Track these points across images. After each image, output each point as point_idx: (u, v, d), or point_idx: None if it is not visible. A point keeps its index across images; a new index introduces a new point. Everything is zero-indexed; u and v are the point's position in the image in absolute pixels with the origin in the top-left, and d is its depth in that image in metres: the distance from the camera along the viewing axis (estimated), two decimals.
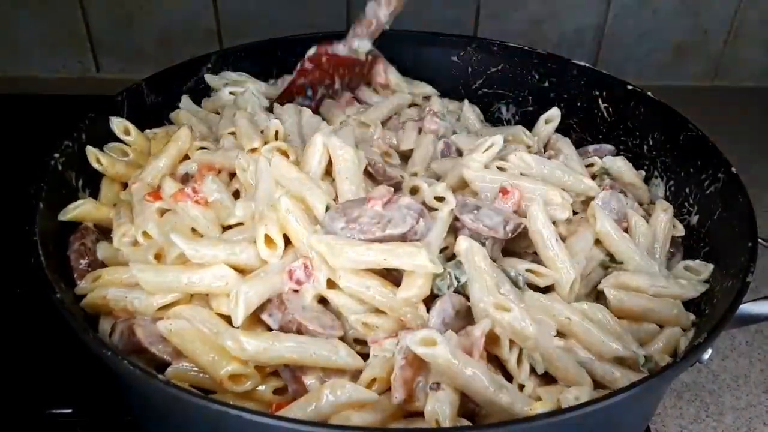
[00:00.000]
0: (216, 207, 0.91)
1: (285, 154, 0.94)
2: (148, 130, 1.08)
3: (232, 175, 0.97)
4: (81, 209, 0.93)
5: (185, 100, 1.15)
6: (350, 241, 0.80)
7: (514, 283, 0.84)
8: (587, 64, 1.17)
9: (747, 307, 0.82)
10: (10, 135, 1.39)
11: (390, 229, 0.81)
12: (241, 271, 0.82)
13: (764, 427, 1.02)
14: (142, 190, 0.94)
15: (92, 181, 0.99)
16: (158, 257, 0.86)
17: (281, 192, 0.86)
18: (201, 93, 1.16)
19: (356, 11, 1.57)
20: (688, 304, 0.89)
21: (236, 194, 0.95)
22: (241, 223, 0.89)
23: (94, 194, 0.99)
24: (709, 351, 0.79)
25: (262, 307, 0.80)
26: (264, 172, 0.89)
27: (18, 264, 0.83)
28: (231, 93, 1.16)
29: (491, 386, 0.71)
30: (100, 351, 0.70)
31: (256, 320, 0.81)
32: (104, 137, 1.02)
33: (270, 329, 0.80)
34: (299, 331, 0.78)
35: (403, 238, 0.81)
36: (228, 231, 0.89)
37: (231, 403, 0.68)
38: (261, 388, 0.78)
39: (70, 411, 0.95)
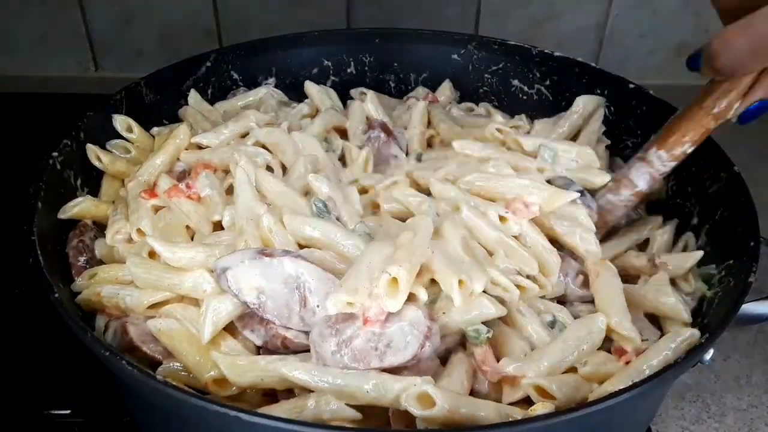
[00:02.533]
0: (206, 203, 0.91)
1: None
2: (155, 128, 1.08)
3: (228, 171, 0.96)
4: (80, 207, 0.93)
5: (193, 95, 1.14)
6: (340, 375, 0.72)
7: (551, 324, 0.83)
8: (589, 63, 1.17)
9: (749, 307, 0.81)
10: (9, 134, 1.38)
11: (390, 358, 0.71)
12: None
13: (766, 428, 1.02)
14: (138, 188, 0.94)
15: (91, 180, 0.99)
16: (153, 255, 0.86)
17: (263, 208, 0.85)
18: (201, 92, 1.15)
19: (356, 10, 1.58)
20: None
21: (231, 189, 0.94)
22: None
23: (93, 193, 0.99)
24: (711, 351, 0.79)
25: (243, 323, 0.79)
26: (243, 182, 0.88)
27: (16, 264, 0.82)
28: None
29: (499, 420, 0.70)
30: (99, 351, 0.70)
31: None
32: (103, 136, 1.02)
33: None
34: (285, 346, 0.77)
35: (403, 365, 0.72)
36: (213, 233, 0.89)
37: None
38: (250, 391, 0.77)
39: (68, 412, 0.95)
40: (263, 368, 0.74)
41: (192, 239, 0.90)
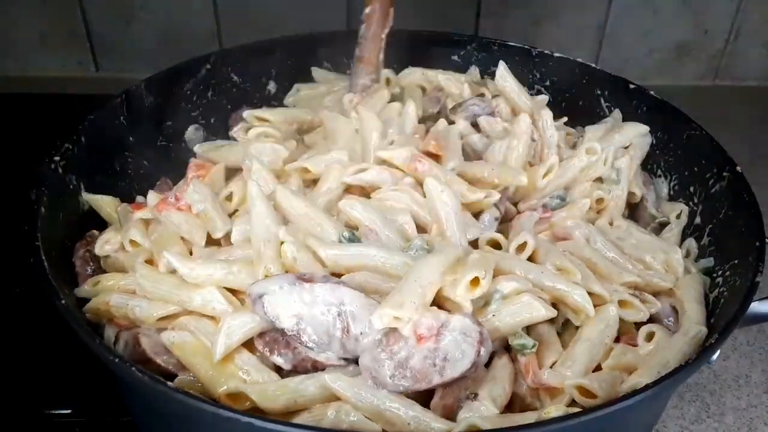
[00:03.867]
0: (202, 218, 0.89)
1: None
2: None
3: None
4: (101, 197, 0.96)
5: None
6: (385, 397, 0.71)
7: None
8: (589, 63, 1.17)
9: (753, 306, 0.81)
10: (9, 134, 1.38)
11: (449, 371, 0.70)
12: (237, 293, 0.81)
13: (765, 428, 1.02)
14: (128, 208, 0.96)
15: (93, 183, 0.99)
16: (150, 263, 0.86)
17: (281, 229, 0.82)
18: (200, 94, 1.15)
19: (356, 11, 1.58)
20: None
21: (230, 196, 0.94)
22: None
23: None
24: (717, 351, 0.79)
25: (269, 347, 0.77)
26: (256, 198, 0.85)
27: (16, 264, 0.82)
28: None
29: None
30: (108, 359, 0.69)
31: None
32: (104, 139, 1.02)
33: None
34: (315, 368, 0.75)
35: (464, 376, 0.71)
36: (225, 248, 0.87)
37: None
38: None
39: (68, 411, 0.95)
40: (295, 389, 0.73)
41: (190, 253, 0.88)
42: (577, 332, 0.82)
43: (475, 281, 0.75)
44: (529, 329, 0.80)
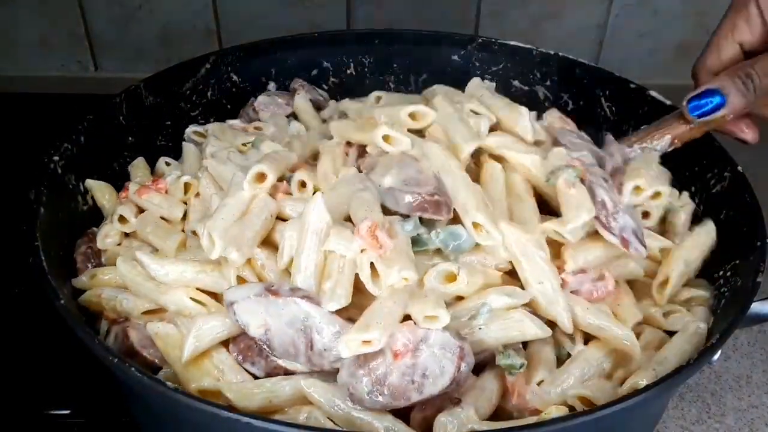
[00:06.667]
0: (173, 187, 0.92)
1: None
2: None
3: None
4: (98, 183, 0.97)
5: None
6: (367, 412, 0.70)
7: None
8: (590, 63, 1.17)
9: (754, 307, 0.81)
10: (9, 134, 1.38)
11: (429, 388, 0.67)
12: (213, 294, 0.81)
13: (766, 429, 1.02)
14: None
15: None
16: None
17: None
18: (200, 93, 1.15)
19: (356, 11, 1.58)
20: None
21: None
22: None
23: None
24: (719, 351, 0.79)
25: (243, 355, 0.77)
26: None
27: (16, 264, 0.82)
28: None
29: None
30: (107, 359, 0.69)
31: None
32: (103, 139, 1.02)
33: None
34: (287, 374, 0.75)
35: (444, 393, 0.69)
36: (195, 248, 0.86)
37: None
38: None
39: (68, 412, 0.95)
40: (271, 389, 0.73)
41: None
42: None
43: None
44: (524, 345, 0.78)
